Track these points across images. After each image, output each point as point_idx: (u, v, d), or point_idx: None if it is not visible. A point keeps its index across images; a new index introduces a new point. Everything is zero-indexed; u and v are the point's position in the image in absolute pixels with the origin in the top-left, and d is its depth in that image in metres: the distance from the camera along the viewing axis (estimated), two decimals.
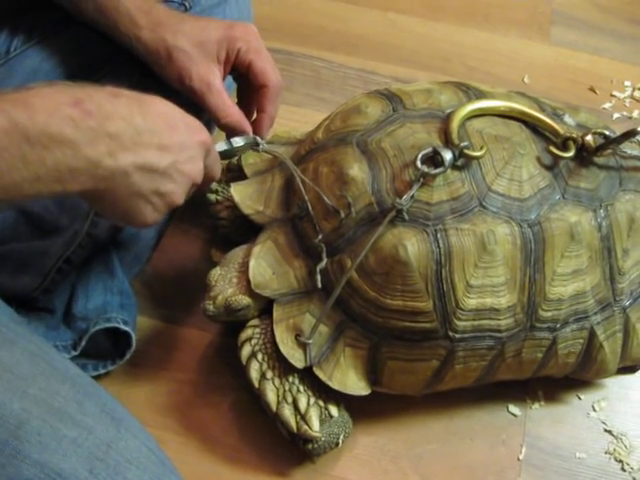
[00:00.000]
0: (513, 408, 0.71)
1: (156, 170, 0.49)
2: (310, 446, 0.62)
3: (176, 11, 0.69)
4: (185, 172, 0.52)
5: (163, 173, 0.50)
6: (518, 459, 0.68)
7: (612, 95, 1.03)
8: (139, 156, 0.48)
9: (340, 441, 0.64)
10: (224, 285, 0.63)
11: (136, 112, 0.48)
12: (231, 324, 0.66)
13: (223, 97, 0.66)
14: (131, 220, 0.52)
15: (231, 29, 0.67)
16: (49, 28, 0.68)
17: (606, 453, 0.69)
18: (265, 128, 0.69)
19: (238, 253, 0.65)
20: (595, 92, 1.03)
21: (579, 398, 0.73)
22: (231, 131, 0.67)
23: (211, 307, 0.63)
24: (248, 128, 0.68)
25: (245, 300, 0.62)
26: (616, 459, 0.69)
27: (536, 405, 0.72)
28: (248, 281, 0.62)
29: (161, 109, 0.51)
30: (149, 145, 0.48)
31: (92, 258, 0.72)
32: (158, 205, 0.52)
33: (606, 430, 0.71)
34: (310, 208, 0.62)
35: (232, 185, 0.67)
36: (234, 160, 0.73)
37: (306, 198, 0.62)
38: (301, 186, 0.63)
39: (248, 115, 0.70)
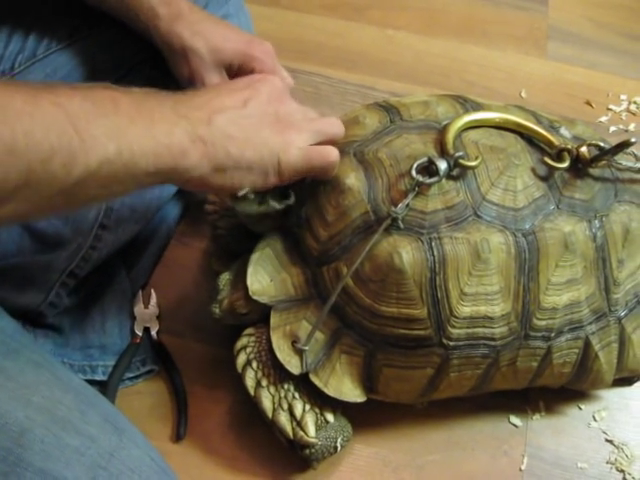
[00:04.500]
0: (514, 419, 0.71)
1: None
2: (307, 452, 0.62)
3: (198, 7, 0.68)
4: None
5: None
6: (520, 470, 0.68)
7: (608, 109, 1.03)
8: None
9: (338, 445, 0.64)
10: (230, 289, 0.65)
11: None
12: (236, 329, 0.67)
13: None
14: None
15: (249, 45, 0.66)
16: (54, 44, 0.69)
17: (607, 463, 0.69)
18: None
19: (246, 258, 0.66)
20: (591, 106, 1.04)
21: (580, 408, 0.73)
22: None
23: (217, 310, 0.65)
24: None
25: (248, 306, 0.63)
26: (618, 469, 0.69)
27: (537, 416, 0.72)
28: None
29: None
30: None
31: (104, 278, 0.73)
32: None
33: (607, 440, 0.71)
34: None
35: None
36: None
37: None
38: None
39: None
